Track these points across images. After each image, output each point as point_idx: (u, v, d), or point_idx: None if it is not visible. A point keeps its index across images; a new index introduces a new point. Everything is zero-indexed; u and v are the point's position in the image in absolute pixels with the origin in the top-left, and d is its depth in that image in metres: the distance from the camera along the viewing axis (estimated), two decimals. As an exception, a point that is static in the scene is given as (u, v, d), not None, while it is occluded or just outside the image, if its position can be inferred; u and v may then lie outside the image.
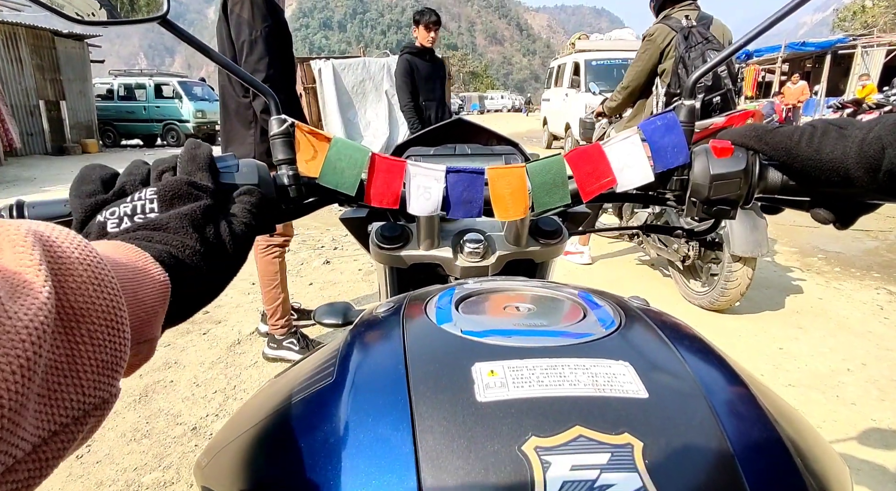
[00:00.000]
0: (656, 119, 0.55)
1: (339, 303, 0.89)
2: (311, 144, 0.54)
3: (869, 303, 2.84)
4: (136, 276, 0.28)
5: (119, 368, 0.23)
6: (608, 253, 3.83)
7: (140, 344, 0.28)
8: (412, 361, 0.33)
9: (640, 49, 2.88)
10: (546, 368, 0.31)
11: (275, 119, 0.54)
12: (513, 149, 0.79)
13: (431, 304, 0.42)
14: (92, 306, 0.21)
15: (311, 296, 3.07)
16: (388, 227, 0.65)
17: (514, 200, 0.54)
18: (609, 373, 0.31)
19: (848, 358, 2.23)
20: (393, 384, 0.31)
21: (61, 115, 11.99)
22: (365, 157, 0.54)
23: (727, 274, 2.50)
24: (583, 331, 0.36)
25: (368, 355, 0.37)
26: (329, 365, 0.37)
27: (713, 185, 0.52)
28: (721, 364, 0.36)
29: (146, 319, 0.28)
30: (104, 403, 0.22)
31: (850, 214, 0.51)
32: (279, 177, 0.53)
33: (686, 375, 0.32)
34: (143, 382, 2.09)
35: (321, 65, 7.88)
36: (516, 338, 0.35)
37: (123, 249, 0.30)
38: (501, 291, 0.47)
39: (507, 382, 0.30)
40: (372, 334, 0.41)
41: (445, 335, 0.36)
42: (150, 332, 0.29)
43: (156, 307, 0.29)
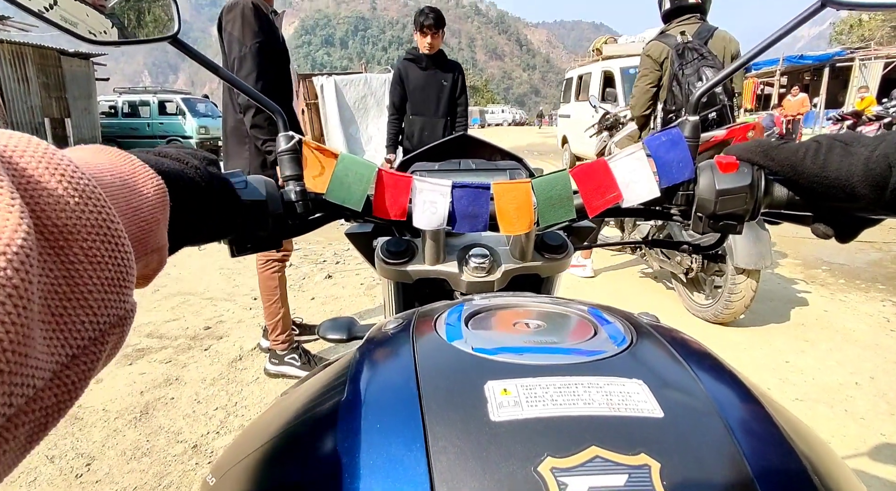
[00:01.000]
0: (661, 135, 0.55)
1: (344, 318, 0.89)
2: (318, 161, 0.55)
3: (875, 315, 2.82)
4: (125, 183, 0.26)
5: (128, 282, 0.22)
6: (611, 266, 3.82)
7: (148, 254, 0.27)
8: (424, 379, 0.33)
9: (640, 66, 2.91)
10: (560, 386, 0.31)
11: (282, 136, 0.55)
12: (517, 164, 0.80)
13: (441, 320, 0.42)
14: (78, 221, 0.20)
15: (314, 310, 3.06)
16: (393, 242, 0.65)
17: (519, 215, 0.55)
18: (623, 391, 0.31)
19: (856, 371, 2.20)
20: (405, 403, 0.31)
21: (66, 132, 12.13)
22: (372, 172, 0.54)
23: (731, 286, 2.49)
24: (594, 348, 0.36)
25: (379, 373, 0.37)
26: (339, 383, 0.37)
27: (719, 200, 0.53)
28: (734, 381, 0.35)
29: (147, 228, 0.26)
30: (121, 320, 0.21)
31: (851, 229, 0.51)
32: (286, 192, 0.54)
33: (700, 393, 0.32)
34: (144, 399, 2.08)
35: (323, 81, 7.97)
36: (528, 355, 0.35)
37: (105, 152, 0.27)
38: (510, 307, 0.47)
39: (520, 401, 0.30)
40: (382, 351, 0.40)
41: (456, 353, 0.36)
42: (156, 240, 0.28)
43: (155, 215, 0.27)
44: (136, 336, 2.71)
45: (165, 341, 2.64)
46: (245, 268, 3.63)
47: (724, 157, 0.54)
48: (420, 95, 3.17)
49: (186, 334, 2.73)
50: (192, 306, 3.14)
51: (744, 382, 0.35)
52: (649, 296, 3.23)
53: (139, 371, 2.32)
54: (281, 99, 2.12)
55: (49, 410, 0.18)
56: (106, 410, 2.01)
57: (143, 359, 2.44)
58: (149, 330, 2.79)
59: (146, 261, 0.27)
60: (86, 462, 1.71)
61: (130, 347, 2.57)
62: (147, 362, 2.40)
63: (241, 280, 3.50)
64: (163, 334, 2.73)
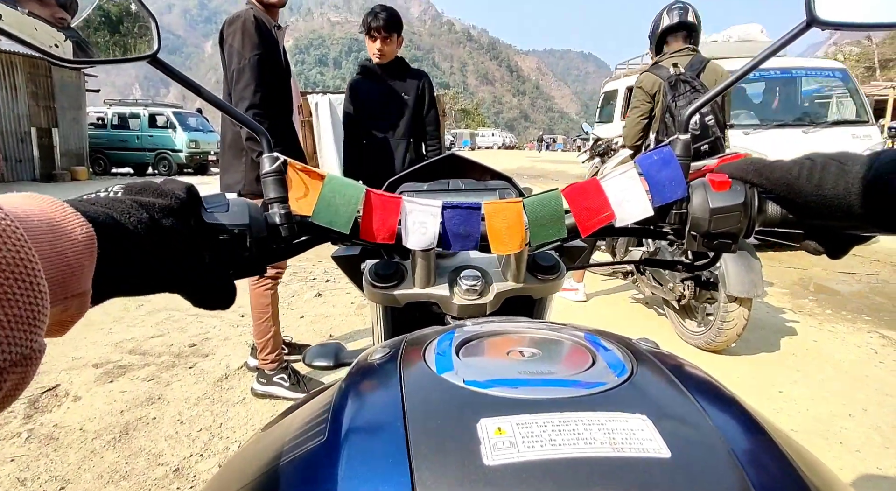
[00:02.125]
0: (653, 153, 0.55)
1: (331, 344, 0.86)
2: (304, 182, 0.53)
3: (863, 346, 2.85)
4: (53, 227, 0.26)
5: (38, 322, 0.22)
6: (602, 290, 3.83)
7: (68, 299, 0.27)
8: (411, 416, 0.31)
9: (633, 97, 2.98)
10: (558, 423, 0.29)
11: (266, 157, 0.53)
12: (507, 184, 0.79)
13: (430, 349, 0.40)
14: None
15: (303, 329, 3.00)
16: (381, 265, 0.63)
17: (510, 235, 0.54)
18: (627, 428, 0.29)
19: (848, 403, 2.21)
20: (391, 445, 0.29)
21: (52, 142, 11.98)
22: (360, 194, 0.53)
23: (723, 314, 2.50)
24: (594, 380, 0.34)
25: (363, 410, 0.34)
26: (321, 420, 0.34)
27: (713, 218, 0.52)
28: (740, 411, 0.34)
29: (69, 271, 0.27)
30: (25, 359, 0.21)
31: (842, 246, 0.51)
32: (270, 216, 0.52)
33: (707, 427, 0.30)
34: (124, 419, 1.99)
35: (318, 99, 8.02)
36: (523, 389, 0.33)
37: (37, 200, 0.28)
38: (503, 333, 0.45)
39: (516, 442, 0.27)
40: (367, 385, 0.38)
41: (447, 386, 0.34)
42: (78, 286, 0.28)
43: (80, 260, 0.28)
44: (118, 352, 2.62)
45: (148, 358, 2.55)
46: (233, 284, 3.56)
47: (716, 175, 0.54)
48: (375, 114, 2.53)
49: (170, 351, 2.65)
50: (177, 322, 3.05)
51: (750, 411, 0.34)
52: (641, 322, 3.23)
53: (119, 389, 2.23)
54: (280, 113, 2.11)
55: None
56: (83, 430, 1.92)
57: (124, 376, 2.35)
58: (131, 346, 2.70)
59: (65, 305, 0.27)
60: (60, 486, 1.62)
61: (111, 363, 2.48)
62: (128, 380, 2.32)
63: (228, 296, 3.42)
64: (146, 351, 2.65)
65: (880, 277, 4.27)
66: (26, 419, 1.99)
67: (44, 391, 2.20)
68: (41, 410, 2.06)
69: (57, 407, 2.09)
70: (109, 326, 2.99)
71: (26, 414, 2.02)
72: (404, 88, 2.56)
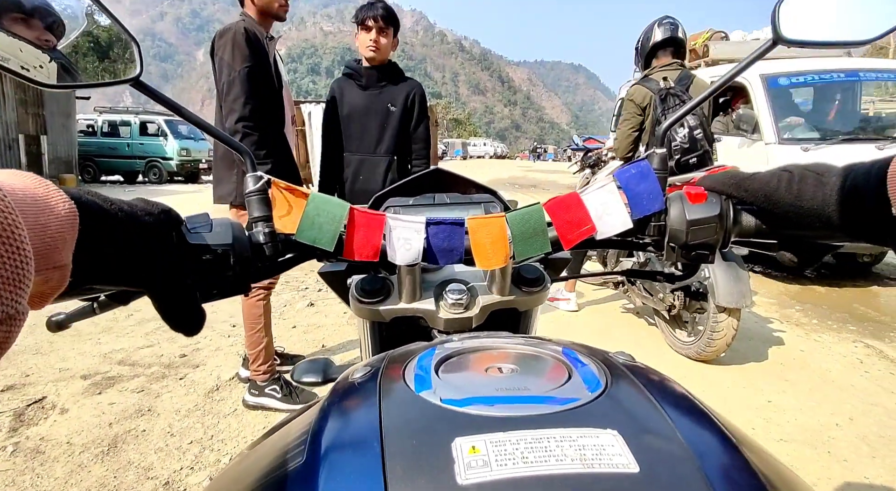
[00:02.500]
0: (630, 167, 0.56)
1: (319, 359, 0.86)
2: (287, 201, 0.53)
3: (849, 356, 2.89)
4: (37, 201, 0.28)
5: (22, 284, 0.23)
6: (594, 300, 3.85)
7: (49, 270, 0.28)
8: (388, 437, 0.31)
9: (623, 110, 3.03)
10: (531, 441, 0.30)
11: (250, 176, 0.54)
12: (491, 197, 0.80)
13: (410, 367, 0.41)
14: None
15: (295, 339, 2.98)
16: (367, 280, 0.64)
17: (494, 250, 0.55)
18: (597, 444, 0.30)
19: (835, 412, 2.24)
20: (367, 466, 0.29)
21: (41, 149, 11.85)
22: (344, 211, 0.53)
23: (713, 324, 2.53)
24: (568, 395, 0.35)
25: (342, 430, 0.35)
26: (301, 441, 0.35)
27: (690, 230, 0.54)
28: (712, 426, 0.35)
29: (52, 244, 0.28)
30: (9, 317, 0.22)
31: (813, 255, 0.54)
32: (254, 235, 0.52)
33: (677, 441, 0.31)
34: (113, 432, 1.96)
35: (311, 108, 8.05)
36: (499, 406, 0.34)
37: (22, 176, 0.29)
38: (484, 349, 0.45)
39: (489, 461, 0.28)
40: (346, 404, 0.39)
41: (424, 405, 0.35)
42: (59, 258, 0.29)
43: (62, 233, 0.29)
44: (107, 363, 2.59)
45: (138, 369, 2.52)
46: (224, 294, 3.54)
47: (692, 187, 0.55)
48: (356, 124, 2.28)
49: (160, 362, 2.62)
50: (167, 332, 3.02)
51: (722, 426, 0.35)
52: (632, 331, 3.25)
53: (108, 401, 2.20)
54: (271, 124, 2.11)
55: None
56: (70, 444, 1.89)
57: (112, 388, 2.32)
58: (120, 357, 2.67)
59: (47, 276, 0.28)
60: (46, 500, 1.59)
61: (100, 374, 2.45)
62: (117, 392, 2.29)
63: (219, 306, 3.39)
64: (135, 362, 2.62)
65: (863, 287, 4.35)
66: (11, 432, 1.96)
67: (30, 404, 2.16)
68: (27, 423, 2.03)
69: (43, 420, 2.06)
70: (98, 336, 2.95)
71: (12, 427, 1.99)
72: (392, 97, 2.29)
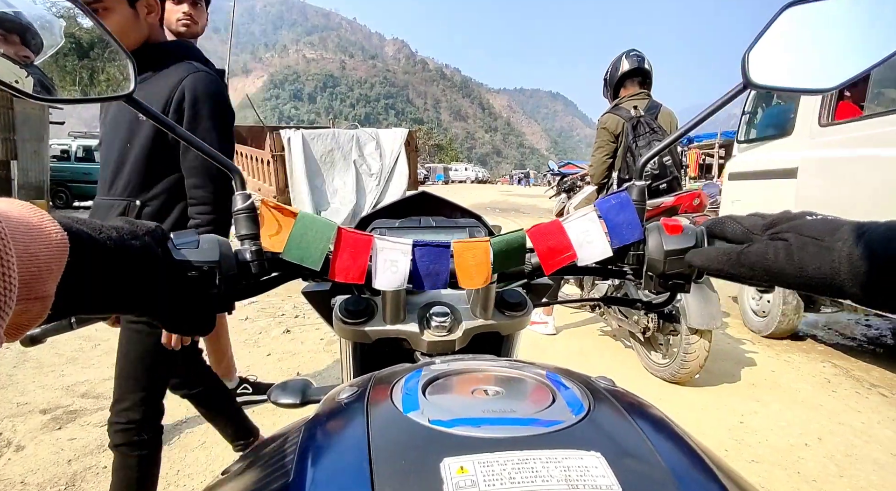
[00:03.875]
0: (611, 198, 0.59)
1: (297, 380, 0.85)
2: (276, 219, 0.54)
3: (817, 376, 2.95)
4: (30, 230, 0.28)
5: (2, 313, 0.23)
6: (571, 323, 3.88)
7: (31, 300, 0.28)
8: (377, 457, 0.32)
9: (597, 137, 3.13)
10: (518, 462, 0.31)
11: (239, 194, 0.54)
12: (476, 221, 0.81)
13: (398, 388, 0.41)
14: None
15: (269, 367, 2.92)
16: (352, 300, 0.64)
17: (478, 271, 0.56)
18: (581, 466, 0.31)
19: (804, 432, 2.27)
20: (356, 486, 0.30)
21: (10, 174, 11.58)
22: (331, 231, 0.54)
23: (685, 346, 2.57)
24: (553, 418, 0.36)
25: (330, 450, 0.35)
26: (288, 460, 0.35)
27: (667, 260, 0.56)
28: (689, 450, 0.36)
29: (38, 274, 0.28)
30: None
31: None
32: (241, 252, 0.53)
33: (657, 463, 0.32)
34: (72, 469, 1.88)
35: (291, 134, 8.05)
36: (486, 428, 0.35)
37: (16, 204, 0.29)
38: (469, 371, 0.46)
39: (477, 481, 0.29)
40: (334, 424, 0.39)
41: (412, 426, 0.35)
42: (43, 289, 0.29)
43: (50, 264, 0.29)
44: (69, 396, 2.49)
45: (102, 402, 2.43)
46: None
47: (669, 219, 0.58)
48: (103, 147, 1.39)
49: (126, 394, 2.53)
50: (135, 363, 2.93)
51: (698, 450, 0.36)
52: (609, 354, 3.27)
53: (68, 436, 2.11)
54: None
55: None
56: (24, 484, 1.80)
57: (74, 422, 2.23)
58: (84, 389, 2.57)
59: (27, 306, 0.28)
60: (-5, 545, 1.51)
61: (61, 408, 2.35)
62: (79, 426, 2.20)
63: (191, 334, 3.32)
64: (100, 394, 2.52)
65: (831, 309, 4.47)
66: (-37, 472, 1.86)
67: (-16, 440, 2.06)
68: (-20, 462, 1.93)
69: (-2, 457, 1.96)
70: (62, 367, 2.84)
71: (-37, 466, 1.89)
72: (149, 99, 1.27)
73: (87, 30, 0.56)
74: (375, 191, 8.38)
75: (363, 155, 8.40)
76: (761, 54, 0.54)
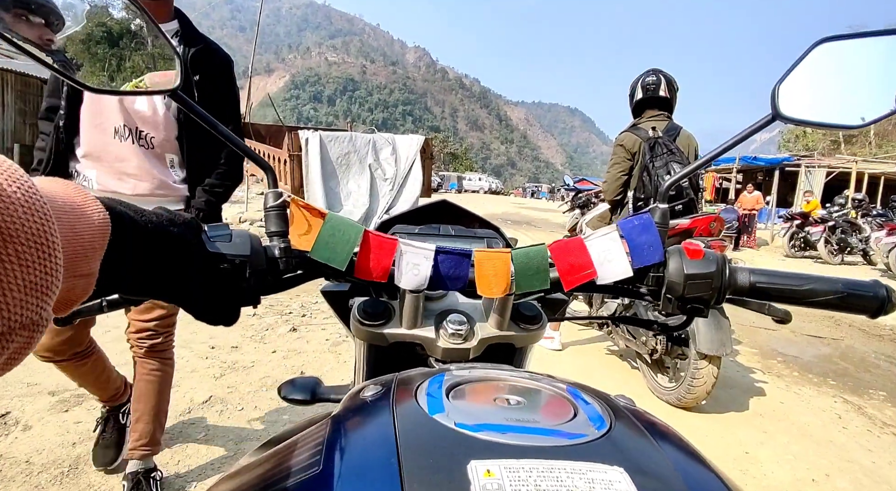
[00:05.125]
0: (633, 219, 0.60)
1: (308, 378, 0.85)
2: (306, 219, 0.55)
3: (828, 411, 2.90)
4: (74, 209, 0.29)
5: (49, 291, 0.24)
6: (578, 340, 3.85)
7: (76, 278, 0.29)
8: (405, 454, 0.32)
9: (613, 154, 3.13)
10: (543, 470, 0.31)
11: (271, 192, 0.56)
12: (494, 233, 0.82)
13: (422, 390, 0.42)
14: (21, 227, 0.22)
15: (274, 364, 2.93)
16: (370, 302, 0.64)
17: (497, 281, 0.57)
18: (605, 479, 0.31)
19: (812, 468, 2.23)
20: (385, 480, 0.30)
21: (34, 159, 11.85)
22: (358, 233, 0.56)
23: (693, 371, 2.54)
24: (575, 431, 0.36)
25: (358, 444, 0.35)
26: (314, 452, 0.35)
27: (687, 283, 0.57)
28: (710, 471, 0.36)
29: (83, 252, 0.29)
30: (33, 324, 0.23)
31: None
32: (270, 248, 0.54)
33: (679, 484, 0.32)
34: (76, 452, 1.90)
35: (309, 135, 8.14)
36: (510, 435, 0.35)
37: (63, 184, 0.30)
38: (490, 380, 0.46)
39: (503, 485, 0.29)
40: (360, 420, 0.39)
41: (439, 427, 0.35)
42: (88, 267, 0.30)
43: (94, 242, 0.30)
44: (77, 380, 2.51)
45: (109, 388, 2.45)
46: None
47: (690, 243, 0.59)
48: None
49: (133, 381, 2.55)
50: (143, 351, 2.95)
51: (719, 473, 0.36)
52: (615, 373, 3.24)
53: (74, 419, 2.13)
54: None
55: None
56: (29, 463, 1.82)
57: (80, 406, 2.25)
58: (92, 374, 2.59)
59: (72, 284, 0.29)
60: None
61: (69, 391, 2.38)
62: (85, 410, 2.22)
63: (198, 326, 3.34)
64: (107, 380, 2.54)
65: (846, 343, 4.39)
66: (-31, 447, 1.88)
67: (-8, 418, 2.09)
68: (-13, 439, 1.95)
69: (4, 436, 1.99)
70: (71, 351, 2.88)
71: (-30, 442, 1.91)
72: None
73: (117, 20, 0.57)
74: (389, 195, 8.42)
75: (379, 159, 8.46)
76: (791, 87, 0.54)
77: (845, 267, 9.65)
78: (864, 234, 9.98)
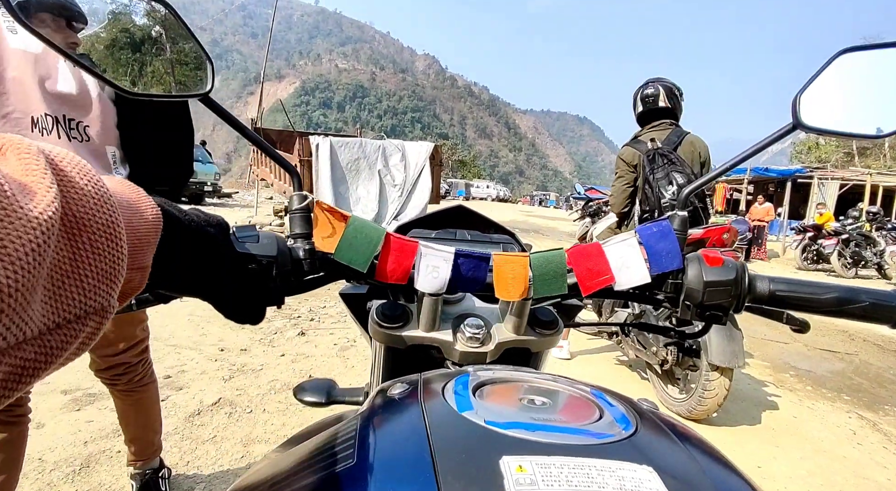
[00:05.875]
0: (652, 225, 0.60)
1: (323, 380, 0.86)
2: (329, 221, 0.56)
3: (842, 426, 2.85)
4: (131, 205, 0.31)
5: (116, 279, 0.25)
6: (587, 349, 3.82)
7: (134, 270, 0.30)
8: (438, 449, 0.32)
9: (616, 168, 3.13)
10: (574, 467, 0.31)
11: (296, 195, 0.57)
12: (510, 238, 0.83)
13: (448, 389, 0.42)
14: (93, 218, 0.23)
15: (282, 368, 2.94)
16: (388, 305, 0.65)
17: (515, 284, 0.58)
18: (635, 477, 0.31)
19: (826, 484, 2.19)
20: (420, 474, 0.30)
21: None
22: (381, 236, 0.56)
23: (705, 383, 2.51)
24: (602, 431, 0.37)
25: (391, 439, 0.36)
26: (347, 446, 0.36)
27: (707, 290, 0.57)
28: (735, 473, 0.36)
29: (139, 245, 0.30)
30: (102, 310, 0.24)
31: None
32: (294, 250, 0.55)
33: (708, 484, 0.33)
34: (87, 451, 1.91)
35: (319, 140, 8.21)
36: (540, 433, 0.35)
37: (118, 181, 0.32)
38: (515, 381, 0.47)
39: (536, 480, 0.29)
40: (391, 416, 0.40)
41: (469, 424, 0.36)
42: (143, 259, 0.31)
43: (148, 237, 0.31)
44: (90, 379, 2.53)
45: (120, 387, 2.47)
46: (215, 316, 3.50)
47: (709, 251, 0.59)
48: None
49: (144, 382, 2.57)
50: (154, 352, 2.95)
51: (747, 478, 0.36)
52: (624, 384, 3.21)
53: (86, 418, 2.15)
54: None
55: (25, 364, 0.20)
56: (42, 460, 1.83)
57: (92, 405, 2.27)
58: (103, 373, 2.62)
59: (131, 275, 0.30)
60: None
61: (81, 390, 2.40)
62: (97, 409, 2.24)
63: (208, 329, 3.36)
64: (118, 379, 2.56)
65: (860, 358, 4.33)
66: (-17, 444, 1.90)
67: (6, 415, 2.11)
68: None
69: (17, 433, 2.01)
70: (83, 350, 2.90)
71: (-16, 438, 1.93)
72: None
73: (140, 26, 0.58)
74: (398, 202, 8.45)
75: (388, 165, 8.50)
76: (812, 97, 0.55)
77: (859, 280, 9.52)
78: (879, 248, 9.86)
